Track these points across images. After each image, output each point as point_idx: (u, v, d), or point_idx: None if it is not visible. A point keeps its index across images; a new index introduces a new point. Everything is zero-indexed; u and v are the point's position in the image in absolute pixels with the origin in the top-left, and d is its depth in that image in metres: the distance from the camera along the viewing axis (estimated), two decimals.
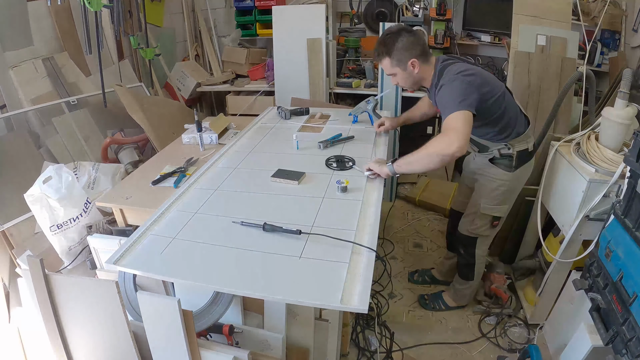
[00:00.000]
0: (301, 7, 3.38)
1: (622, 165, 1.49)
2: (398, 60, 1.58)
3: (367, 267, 1.09)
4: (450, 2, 3.50)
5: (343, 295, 0.99)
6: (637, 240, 1.24)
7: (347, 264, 1.09)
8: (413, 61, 1.58)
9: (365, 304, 0.96)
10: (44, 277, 1.19)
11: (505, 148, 1.67)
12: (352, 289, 1.01)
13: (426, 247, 2.66)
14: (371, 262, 1.10)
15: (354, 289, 1.01)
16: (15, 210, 1.93)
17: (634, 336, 1.16)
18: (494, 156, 1.71)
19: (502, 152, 1.68)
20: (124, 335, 1.20)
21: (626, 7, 2.95)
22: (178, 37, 3.91)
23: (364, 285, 1.02)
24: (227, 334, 1.36)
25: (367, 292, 0.99)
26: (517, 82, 2.55)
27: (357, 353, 1.85)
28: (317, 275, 1.06)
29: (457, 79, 1.46)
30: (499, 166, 1.71)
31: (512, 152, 1.67)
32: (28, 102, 2.38)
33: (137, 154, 2.51)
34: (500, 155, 1.69)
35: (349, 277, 1.05)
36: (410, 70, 1.60)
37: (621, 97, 1.56)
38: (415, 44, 1.57)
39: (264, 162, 1.75)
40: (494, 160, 1.72)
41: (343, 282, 1.03)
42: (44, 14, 2.54)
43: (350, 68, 3.56)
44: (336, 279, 1.04)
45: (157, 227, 1.31)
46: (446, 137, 1.39)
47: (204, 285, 1.09)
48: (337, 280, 1.04)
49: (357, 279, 1.04)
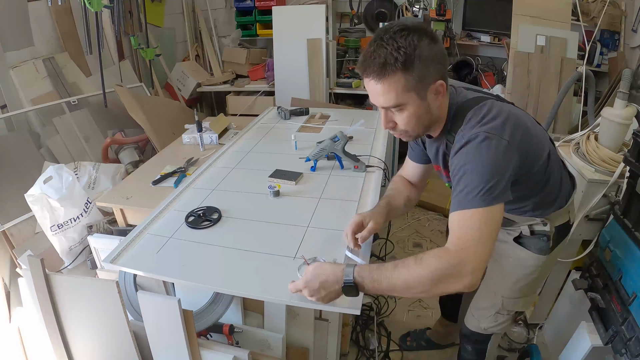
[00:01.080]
0: (301, 8, 3.39)
1: (621, 165, 1.49)
2: (420, 78, 0.90)
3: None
4: (450, 3, 3.51)
5: None
6: (636, 240, 1.24)
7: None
8: (440, 84, 0.93)
9: (357, 306, 0.95)
10: (45, 277, 1.19)
11: (539, 224, 1.14)
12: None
13: (426, 247, 2.66)
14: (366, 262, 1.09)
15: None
16: (15, 210, 1.94)
17: (634, 336, 1.16)
18: (520, 234, 1.17)
19: (535, 230, 1.15)
20: (124, 335, 1.20)
21: (625, 8, 2.96)
22: (178, 38, 3.91)
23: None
24: (227, 334, 1.36)
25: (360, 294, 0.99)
26: (516, 82, 2.55)
27: (357, 353, 1.85)
28: None
29: (489, 139, 0.87)
30: (528, 247, 1.17)
31: (548, 230, 1.13)
32: (28, 102, 2.38)
33: (137, 154, 2.51)
34: (531, 233, 1.15)
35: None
36: (432, 99, 0.95)
37: (620, 97, 1.56)
38: (443, 57, 0.94)
39: (262, 162, 1.75)
40: (520, 239, 1.18)
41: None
42: (44, 14, 2.54)
43: (350, 68, 3.56)
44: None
45: (154, 226, 1.31)
46: (455, 256, 0.83)
47: (197, 284, 1.09)
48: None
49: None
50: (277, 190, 1.45)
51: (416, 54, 0.87)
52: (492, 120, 0.91)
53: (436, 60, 0.91)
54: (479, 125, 0.91)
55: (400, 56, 0.86)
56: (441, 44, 0.94)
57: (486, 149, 0.87)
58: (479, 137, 0.88)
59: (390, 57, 0.87)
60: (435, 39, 0.92)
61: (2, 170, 2.06)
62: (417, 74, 0.89)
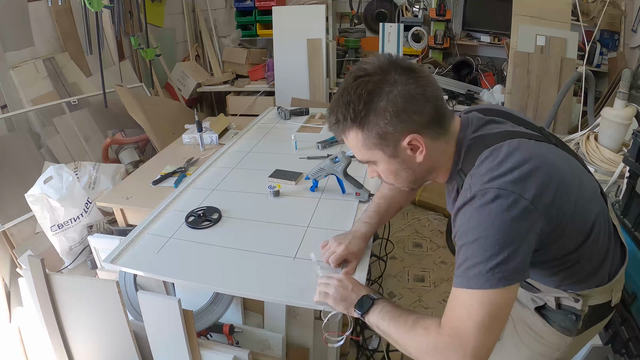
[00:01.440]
0: (301, 8, 3.40)
1: (621, 165, 1.49)
2: (380, 135, 0.74)
3: (360, 268, 1.08)
4: (450, 3, 3.51)
5: None
6: (636, 240, 1.24)
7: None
8: (414, 138, 0.73)
9: None
10: (45, 276, 1.19)
11: (569, 299, 0.86)
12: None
13: (426, 247, 2.66)
14: (365, 263, 1.09)
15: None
16: (16, 210, 1.94)
17: (633, 336, 1.17)
18: (545, 305, 0.91)
19: (563, 304, 0.88)
20: (124, 335, 1.20)
21: (625, 8, 2.96)
22: (178, 38, 3.92)
23: None
24: (227, 334, 1.36)
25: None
26: (516, 82, 2.56)
27: (357, 352, 1.85)
28: (311, 277, 1.05)
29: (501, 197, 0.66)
30: (551, 322, 0.91)
31: (579, 309, 0.86)
32: (29, 102, 2.38)
33: (137, 154, 2.51)
34: (558, 306, 0.89)
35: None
36: (406, 156, 0.76)
37: (620, 97, 1.56)
38: (419, 103, 0.72)
39: (262, 162, 1.75)
40: (543, 310, 0.92)
41: None
42: (44, 14, 2.55)
43: (350, 68, 3.56)
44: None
45: (154, 226, 1.31)
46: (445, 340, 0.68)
47: (197, 284, 1.09)
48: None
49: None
50: (277, 190, 1.45)
51: (371, 109, 0.71)
52: (511, 171, 0.67)
53: (404, 110, 0.71)
54: (491, 175, 0.68)
55: (350, 113, 0.73)
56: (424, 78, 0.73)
57: (496, 213, 0.65)
58: (488, 195, 0.66)
59: (340, 115, 0.75)
60: (413, 73, 0.72)
61: (2, 170, 2.06)
62: (375, 130, 0.73)
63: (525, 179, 0.67)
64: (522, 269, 0.66)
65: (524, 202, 0.65)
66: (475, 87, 3.31)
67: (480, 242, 0.66)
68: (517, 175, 0.67)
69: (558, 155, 0.75)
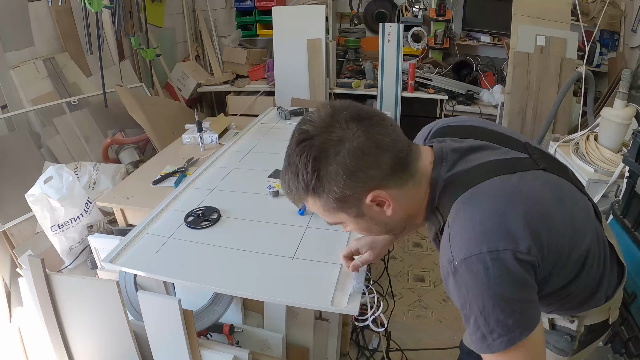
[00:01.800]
0: (301, 8, 3.39)
1: (621, 165, 1.49)
2: (339, 199, 0.67)
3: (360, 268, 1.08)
4: (449, 3, 3.51)
5: (334, 296, 0.99)
6: (636, 240, 1.24)
7: (339, 265, 1.09)
8: (376, 195, 0.67)
9: (355, 307, 0.95)
10: (45, 276, 1.20)
11: (564, 320, 0.87)
12: (344, 291, 1.01)
13: (426, 247, 2.66)
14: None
15: (345, 290, 1.01)
16: (16, 210, 1.94)
17: (633, 336, 1.17)
18: None
19: (557, 325, 0.88)
20: (124, 335, 1.20)
21: (625, 8, 2.96)
22: (178, 38, 3.92)
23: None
24: (227, 334, 1.37)
25: (358, 295, 1.00)
26: (516, 82, 2.56)
27: (357, 352, 1.85)
28: (310, 277, 1.06)
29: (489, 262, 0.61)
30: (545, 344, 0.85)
31: (574, 330, 0.86)
32: (29, 103, 2.38)
33: (137, 154, 2.51)
34: (552, 327, 0.89)
35: (340, 279, 1.05)
36: (374, 213, 0.71)
37: (620, 98, 1.56)
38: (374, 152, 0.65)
39: (262, 162, 1.75)
40: None
41: (335, 283, 1.03)
42: (44, 14, 2.54)
43: (350, 68, 3.56)
44: (328, 281, 1.04)
45: (154, 226, 1.31)
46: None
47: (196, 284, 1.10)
48: (329, 281, 1.04)
49: (349, 281, 1.04)
50: (277, 191, 1.45)
51: (321, 176, 0.65)
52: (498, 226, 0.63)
53: (357, 169, 0.64)
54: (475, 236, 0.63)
55: (300, 184, 0.67)
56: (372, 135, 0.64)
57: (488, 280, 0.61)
58: (474, 265, 0.62)
59: (291, 185, 0.69)
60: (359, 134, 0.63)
61: (2, 170, 2.06)
62: (332, 196, 0.66)
63: (508, 227, 0.63)
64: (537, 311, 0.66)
65: (520, 255, 0.62)
66: (475, 87, 3.31)
67: (486, 314, 0.62)
68: (499, 226, 0.63)
69: (545, 187, 0.70)
